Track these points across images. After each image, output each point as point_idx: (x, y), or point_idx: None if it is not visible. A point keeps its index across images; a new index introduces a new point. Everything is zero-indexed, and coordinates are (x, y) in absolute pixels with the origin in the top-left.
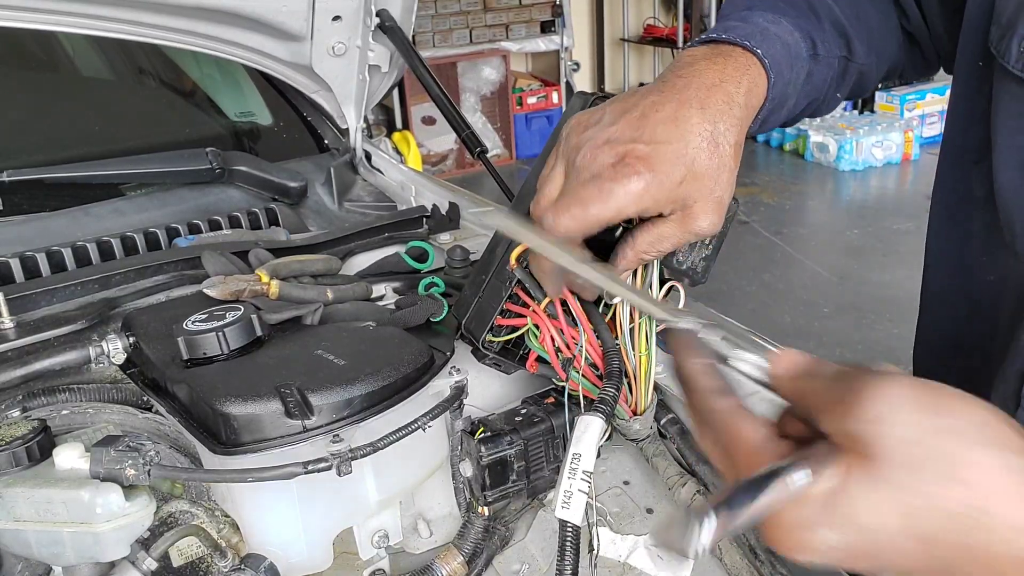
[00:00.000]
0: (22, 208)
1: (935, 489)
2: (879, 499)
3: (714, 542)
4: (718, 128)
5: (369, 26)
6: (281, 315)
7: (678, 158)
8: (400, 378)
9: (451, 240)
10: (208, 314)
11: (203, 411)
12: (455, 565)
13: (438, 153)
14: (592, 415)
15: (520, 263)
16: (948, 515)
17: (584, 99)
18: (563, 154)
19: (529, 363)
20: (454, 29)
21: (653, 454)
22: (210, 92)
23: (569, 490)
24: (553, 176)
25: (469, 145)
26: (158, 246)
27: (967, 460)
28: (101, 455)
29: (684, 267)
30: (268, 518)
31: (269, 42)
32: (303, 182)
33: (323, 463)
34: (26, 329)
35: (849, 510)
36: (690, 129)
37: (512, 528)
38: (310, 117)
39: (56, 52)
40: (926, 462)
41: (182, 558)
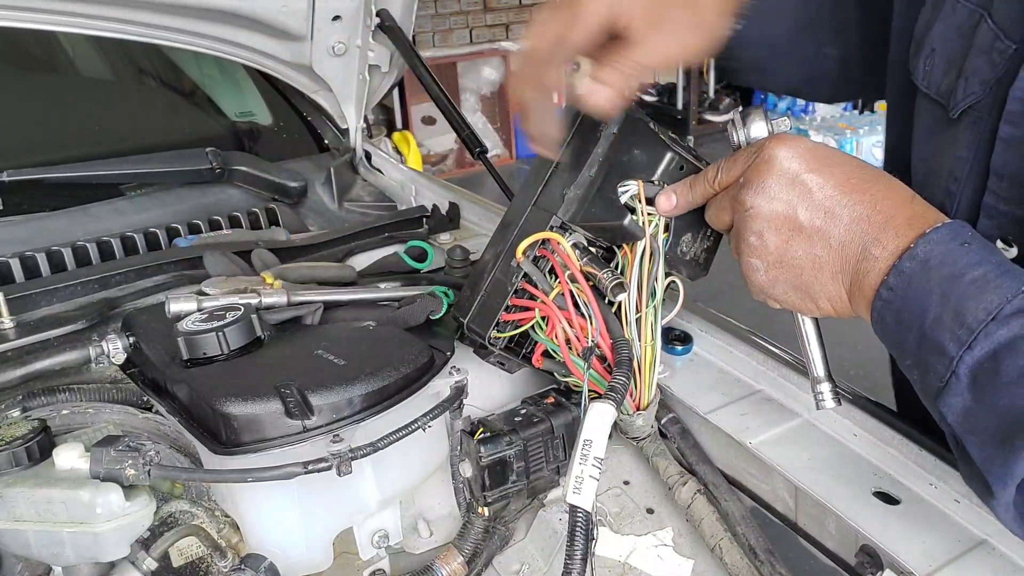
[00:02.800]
0: (22, 208)
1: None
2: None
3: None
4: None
5: (369, 26)
6: (281, 315)
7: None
8: (400, 378)
9: (451, 240)
10: (208, 314)
11: (203, 411)
12: (455, 565)
13: (438, 153)
14: (604, 402)
15: (527, 256)
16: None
17: None
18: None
19: (535, 358)
20: (454, 29)
21: (653, 454)
22: (210, 92)
23: (580, 476)
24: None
25: (469, 145)
26: (158, 246)
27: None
28: (101, 455)
29: (687, 258)
30: (268, 518)
31: (269, 42)
32: (303, 182)
33: (323, 463)
34: (26, 329)
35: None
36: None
37: (512, 528)
38: (310, 117)
39: (56, 52)
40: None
41: (182, 558)
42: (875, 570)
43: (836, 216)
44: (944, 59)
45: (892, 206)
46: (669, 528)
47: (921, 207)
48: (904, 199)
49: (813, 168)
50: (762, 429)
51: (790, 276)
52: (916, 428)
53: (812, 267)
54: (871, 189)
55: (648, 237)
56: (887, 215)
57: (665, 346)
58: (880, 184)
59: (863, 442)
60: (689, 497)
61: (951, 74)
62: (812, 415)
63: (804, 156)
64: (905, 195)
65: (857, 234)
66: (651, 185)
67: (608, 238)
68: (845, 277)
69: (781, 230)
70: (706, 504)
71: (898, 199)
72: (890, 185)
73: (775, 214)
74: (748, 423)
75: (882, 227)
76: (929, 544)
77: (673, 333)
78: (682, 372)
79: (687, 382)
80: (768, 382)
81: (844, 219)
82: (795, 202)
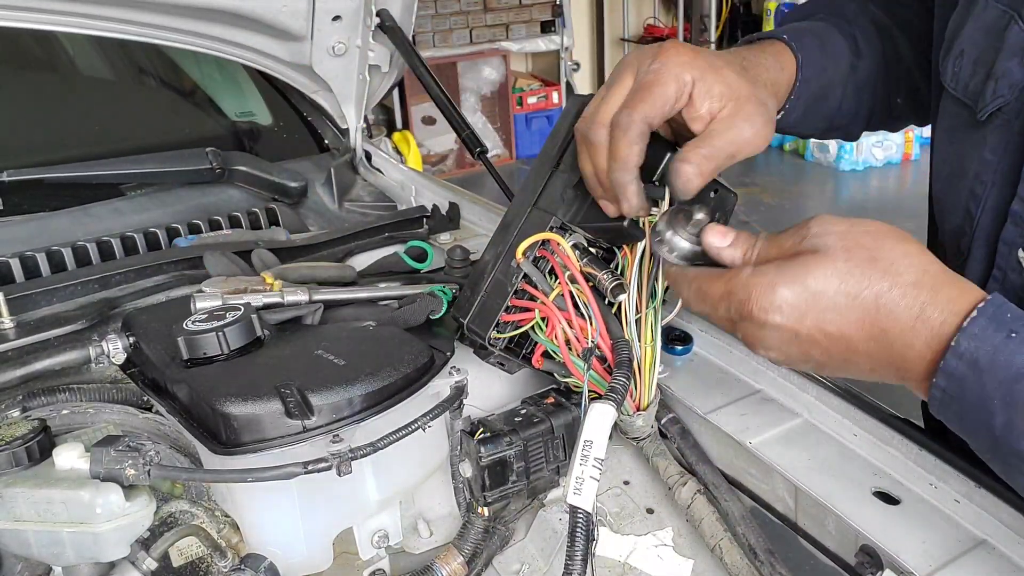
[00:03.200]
0: (22, 208)
1: (863, 264)
2: (823, 270)
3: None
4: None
5: (369, 26)
6: (281, 315)
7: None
8: (400, 378)
9: (451, 240)
10: (208, 314)
11: (203, 411)
12: (455, 565)
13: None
14: (604, 403)
15: (527, 256)
16: (869, 278)
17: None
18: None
19: (535, 359)
20: (454, 29)
21: (653, 454)
22: (210, 92)
23: (581, 476)
24: (621, 82)
25: (469, 145)
26: (158, 246)
27: (884, 246)
28: (101, 455)
29: None
30: (268, 518)
31: (269, 42)
32: (303, 182)
33: (323, 463)
34: (26, 329)
35: (800, 271)
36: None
37: (512, 528)
38: (310, 117)
39: (56, 52)
40: (854, 247)
41: (182, 558)
42: (875, 570)
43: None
44: (973, 60)
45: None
46: (669, 528)
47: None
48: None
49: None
50: (762, 429)
51: (817, 365)
52: (939, 442)
53: (843, 365)
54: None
55: (648, 238)
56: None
57: (665, 346)
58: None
59: (863, 442)
60: (689, 497)
61: (979, 75)
62: (812, 415)
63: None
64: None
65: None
66: (652, 186)
67: (608, 239)
68: (887, 372)
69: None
70: (706, 504)
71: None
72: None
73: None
74: (748, 423)
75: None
76: (929, 544)
77: (673, 333)
78: (682, 372)
79: (687, 382)
80: (768, 382)
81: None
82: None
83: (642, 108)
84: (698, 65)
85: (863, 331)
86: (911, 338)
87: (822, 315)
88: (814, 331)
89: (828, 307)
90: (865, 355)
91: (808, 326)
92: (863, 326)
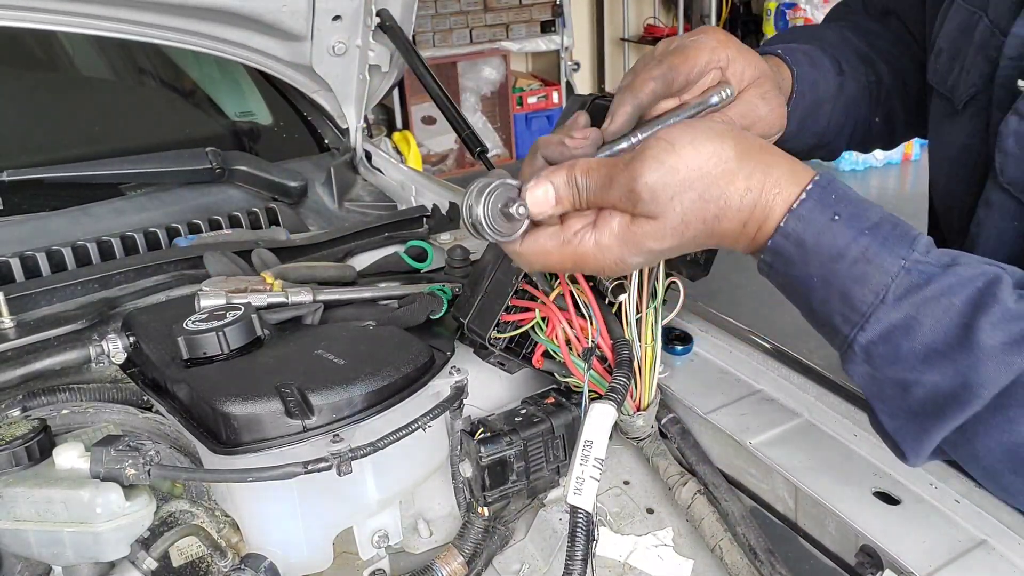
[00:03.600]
0: (22, 208)
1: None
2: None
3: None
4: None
5: (369, 26)
6: (281, 315)
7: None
8: (400, 378)
9: (451, 240)
10: (208, 314)
11: (203, 411)
12: (455, 565)
13: (438, 153)
14: (604, 403)
15: None
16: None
17: (581, 101)
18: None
19: (535, 359)
20: (454, 29)
21: (653, 454)
22: (210, 92)
23: (581, 476)
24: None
25: (469, 145)
26: (158, 246)
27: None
28: (101, 455)
29: (687, 258)
30: (268, 518)
31: (269, 42)
32: (303, 182)
33: (323, 463)
34: (26, 329)
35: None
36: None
37: (512, 528)
38: (310, 117)
39: (56, 52)
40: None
41: (182, 558)
42: (875, 570)
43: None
44: (949, 57)
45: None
46: (669, 528)
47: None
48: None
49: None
50: (762, 429)
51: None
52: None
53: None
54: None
55: None
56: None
57: (665, 346)
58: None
59: (863, 442)
60: (689, 497)
61: (955, 69)
62: (812, 415)
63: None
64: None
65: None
66: None
67: None
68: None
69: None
70: (706, 504)
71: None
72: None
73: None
74: (748, 423)
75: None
76: (929, 544)
77: (673, 333)
78: (682, 372)
79: (687, 382)
80: (768, 382)
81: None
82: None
83: (671, 59)
84: (733, 46)
85: (707, 210)
86: (741, 220)
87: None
88: (687, 180)
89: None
90: (705, 229)
91: (682, 175)
92: (706, 207)
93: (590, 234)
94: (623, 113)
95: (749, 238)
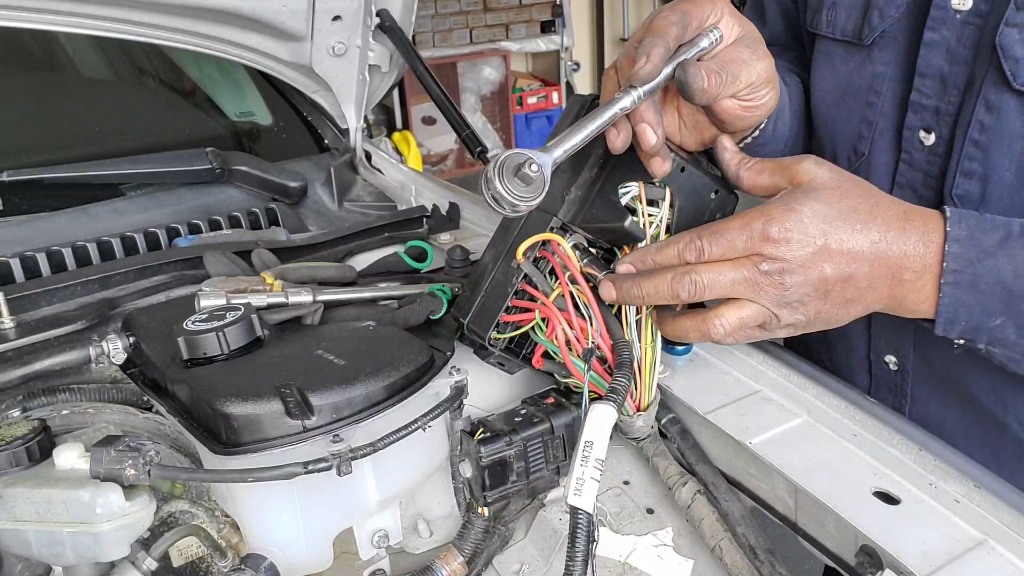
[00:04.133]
0: (22, 208)
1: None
2: (826, 195)
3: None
4: None
5: (369, 26)
6: (281, 315)
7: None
8: (400, 378)
9: (451, 240)
10: (208, 314)
11: (203, 411)
12: (455, 565)
13: (438, 153)
14: (604, 404)
15: (527, 257)
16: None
17: (582, 101)
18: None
19: (535, 359)
20: (454, 29)
21: (653, 454)
22: (210, 92)
23: (581, 477)
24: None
25: (469, 145)
26: (158, 246)
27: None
28: (101, 455)
29: None
30: (268, 518)
31: (269, 42)
32: (303, 182)
33: (323, 463)
34: (26, 329)
35: (809, 193)
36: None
37: (512, 528)
38: (310, 117)
39: (56, 52)
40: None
41: (182, 558)
42: (875, 570)
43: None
44: (846, 7)
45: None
46: (669, 528)
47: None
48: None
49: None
50: (762, 429)
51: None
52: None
53: (856, 297)
54: (873, 218)
55: (649, 238)
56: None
57: (665, 346)
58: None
59: (863, 442)
60: (689, 497)
61: (855, 15)
62: (812, 415)
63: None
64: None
65: (885, 263)
66: (652, 186)
67: (609, 239)
68: (884, 285)
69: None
70: (706, 504)
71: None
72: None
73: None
74: (748, 423)
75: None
76: (929, 544)
77: None
78: (682, 372)
79: (687, 382)
80: (768, 382)
81: (867, 254)
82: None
83: (684, 5)
84: (727, 3)
85: (863, 238)
86: (906, 239)
87: (835, 229)
88: (831, 242)
89: (839, 221)
90: (868, 262)
91: (826, 234)
92: (862, 236)
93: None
94: (657, 54)
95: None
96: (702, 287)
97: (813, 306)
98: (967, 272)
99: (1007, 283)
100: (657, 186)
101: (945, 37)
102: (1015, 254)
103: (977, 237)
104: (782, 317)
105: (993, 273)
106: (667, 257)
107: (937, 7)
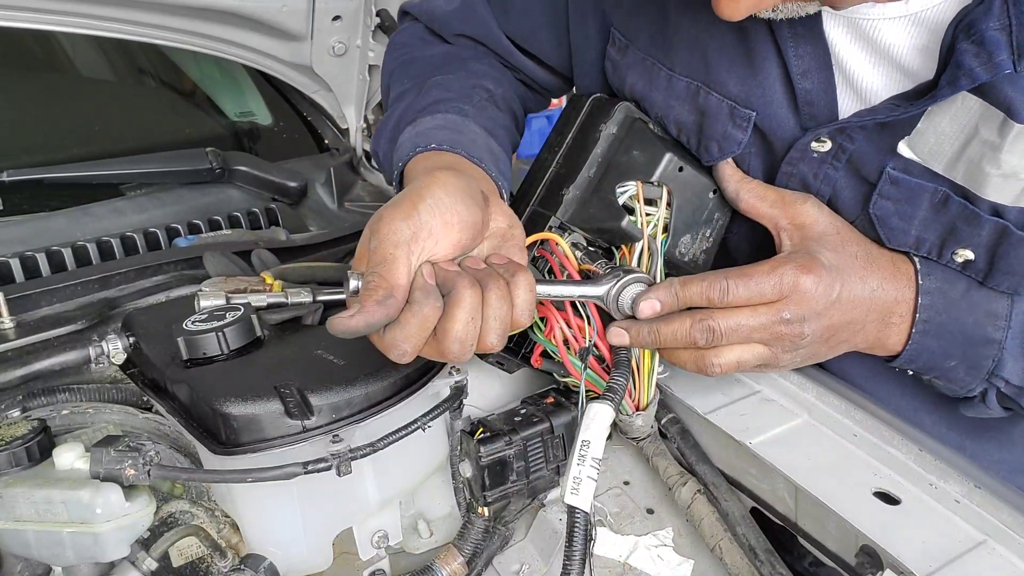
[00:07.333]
0: (22, 208)
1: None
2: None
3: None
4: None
5: (369, 26)
6: (281, 315)
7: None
8: (400, 378)
9: None
10: (208, 314)
11: (203, 411)
12: (455, 565)
13: None
14: (601, 403)
15: None
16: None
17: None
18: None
19: (534, 358)
20: None
21: (653, 454)
22: (210, 92)
23: (578, 476)
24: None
25: None
26: (158, 246)
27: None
28: (101, 455)
29: (686, 259)
30: (268, 518)
31: (269, 42)
32: (303, 182)
33: (323, 463)
34: (26, 329)
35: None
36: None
37: (512, 528)
38: (310, 117)
39: (56, 52)
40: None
41: (182, 558)
42: (875, 570)
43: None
44: (674, 121)
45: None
46: (669, 528)
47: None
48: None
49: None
50: (762, 429)
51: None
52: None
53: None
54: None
55: (646, 238)
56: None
57: None
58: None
59: (863, 442)
60: (689, 497)
61: (688, 134)
62: (812, 415)
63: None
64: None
65: (879, 308)
66: (650, 186)
67: (607, 238)
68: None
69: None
70: (706, 504)
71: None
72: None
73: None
74: (748, 423)
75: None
76: (929, 544)
77: None
78: (682, 372)
79: (687, 382)
80: (768, 382)
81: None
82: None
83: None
84: (420, 236)
85: (866, 286)
86: (896, 284)
87: (847, 279)
88: (844, 291)
89: (848, 270)
90: (866, 308)
91: (842, 284)
92: (865, 284)
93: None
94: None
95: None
96: (719, 335)
97: (812, 349)
98: (934, 322)
99: (967, 331)
100: (655, 186)
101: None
102: (976, 305)
103: (944, 289)
104: (782, 361)
105: (956, 324)
106: (691, 293)
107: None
